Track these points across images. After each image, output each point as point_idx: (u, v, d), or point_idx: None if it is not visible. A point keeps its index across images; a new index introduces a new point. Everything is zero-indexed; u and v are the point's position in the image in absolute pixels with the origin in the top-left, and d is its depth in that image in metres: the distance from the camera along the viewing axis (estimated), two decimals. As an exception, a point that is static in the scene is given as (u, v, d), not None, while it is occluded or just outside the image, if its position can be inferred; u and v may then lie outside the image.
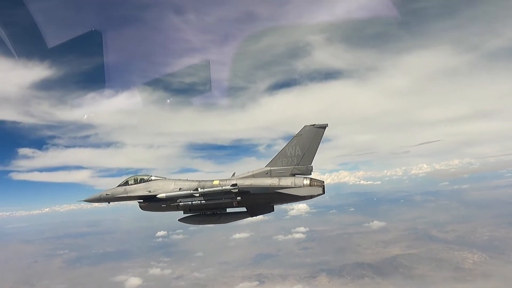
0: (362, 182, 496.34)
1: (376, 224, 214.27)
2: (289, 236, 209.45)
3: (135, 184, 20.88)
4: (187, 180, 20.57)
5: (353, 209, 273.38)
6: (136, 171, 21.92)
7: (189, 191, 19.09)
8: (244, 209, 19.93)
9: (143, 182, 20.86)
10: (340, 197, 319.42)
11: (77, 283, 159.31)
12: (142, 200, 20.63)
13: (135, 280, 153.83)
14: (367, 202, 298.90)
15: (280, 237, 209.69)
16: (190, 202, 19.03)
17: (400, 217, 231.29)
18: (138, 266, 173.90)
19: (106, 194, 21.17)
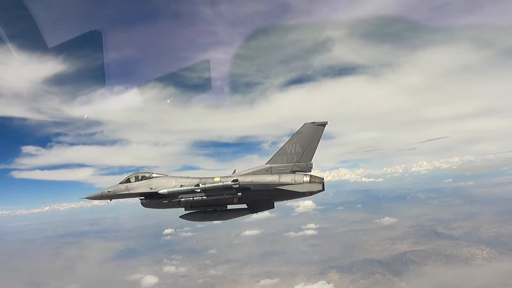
0: (363, 179, 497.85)
1: (387, 220, 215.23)
2: (300, 233, 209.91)
3: (136, 181, 21.04)
4: (188, 177, 20.69)
5: (360, 206, 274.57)
6: (138, 169, 22.10)
7: (190, 187, 19.19)
8: (244, 205, 20.09)
9: (144, 179, 21.00)
10: (343, 194, 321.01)
11: (88, 282, 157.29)
12: (143, 197, 20.76)
13: (151, 278, 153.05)
14: (373, 199, 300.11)
15: (292, 234, 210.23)
16: (191, 198, 19.20)
17: (405, 214, 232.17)
18: (150, 264, 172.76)
19: (108, 192, 21.27)
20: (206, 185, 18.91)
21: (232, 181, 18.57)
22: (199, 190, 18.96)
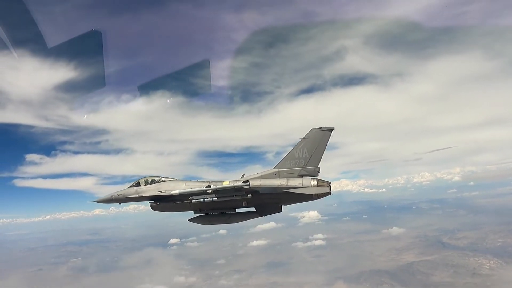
0: (366, 190, 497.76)
1: (396, 230, 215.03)
2: (308, 243, 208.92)
3: (146, 185, 21.33)
4: (197, 181, 21.03)
5: (366, 216, 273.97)
6: (139, 178, 22.19)
7: (201, 188, 19.49)
8: (253, 209, 20.41)
9: (154, 183, 21.32)
10: (347, 205, 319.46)
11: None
12: (153, 201, 21.06)
13: None
14: (378, 210, 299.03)
15: (300, 245, 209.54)
16: (202, 200, 19.43)
17: (409, 225, 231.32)
18: (159, 275, 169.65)
19: (118, 195, 21.47)
20: (217, 187, 19.21)
21: (242, 182, 18.94)
22: (210, 191, 19.26)
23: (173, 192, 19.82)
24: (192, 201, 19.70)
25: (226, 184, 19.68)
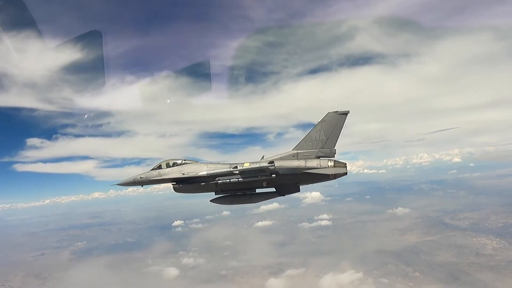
0: (366, 171, 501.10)
1: (400, 210, 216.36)
2: (314, 224, 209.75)
3: (167, 168, 22.03)
4: (218, 163, 21.70)
5: (368, 196, 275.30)
6: (140, 161, 21.75)
7: (228, 169, 20.28)
8: (273, 189, 21.37)
9: (176, 165, 22.01)
10: (348, 185, 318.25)
11: (102, 275, 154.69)
12: (175, 183, 21.72)
13: (171, 270, 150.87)
14: (379, 190, 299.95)
15: (305, 225, 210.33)
16: (228, 180, 20.18)
17: (411, 205, 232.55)
18: (167, 256, 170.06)
19: (140, 178, 22.08)
20: (244, 168, 19.85)
21: (268, 163, 19.57)
22: (237, 172, 19.93)
23: (201, 173, 20.57)
24: (219, 181, 20.36)
25: (246, 165, 20.32)
